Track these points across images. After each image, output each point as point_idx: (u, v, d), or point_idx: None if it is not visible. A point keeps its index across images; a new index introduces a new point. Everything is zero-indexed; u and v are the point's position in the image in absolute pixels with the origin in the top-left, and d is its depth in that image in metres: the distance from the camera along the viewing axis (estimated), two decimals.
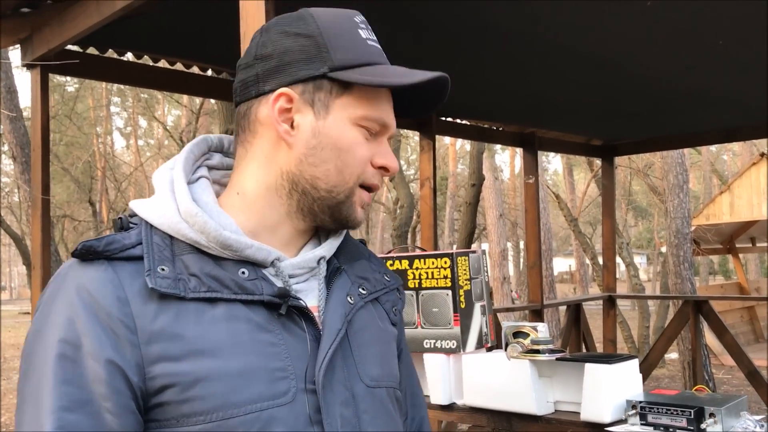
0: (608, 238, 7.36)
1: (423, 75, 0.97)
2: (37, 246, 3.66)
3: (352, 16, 1.02)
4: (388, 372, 1.06)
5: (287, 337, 0.93)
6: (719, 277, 34.07)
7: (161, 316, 0.88)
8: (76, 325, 0.86)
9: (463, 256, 2.41)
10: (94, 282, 0.88)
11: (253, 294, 0.93)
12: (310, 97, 0.98)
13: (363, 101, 0.99)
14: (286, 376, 0.91)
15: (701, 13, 3.38)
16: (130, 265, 0.91)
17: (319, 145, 0.98)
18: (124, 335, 0.87)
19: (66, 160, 19.95)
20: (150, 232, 0.94)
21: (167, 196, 0.97)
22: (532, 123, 6.31)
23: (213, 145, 1.09)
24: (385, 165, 1.02)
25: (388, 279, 1.13)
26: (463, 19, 3.46)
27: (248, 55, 1.02)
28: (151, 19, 3.33)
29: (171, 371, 0.87)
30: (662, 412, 2.04)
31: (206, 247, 0.93)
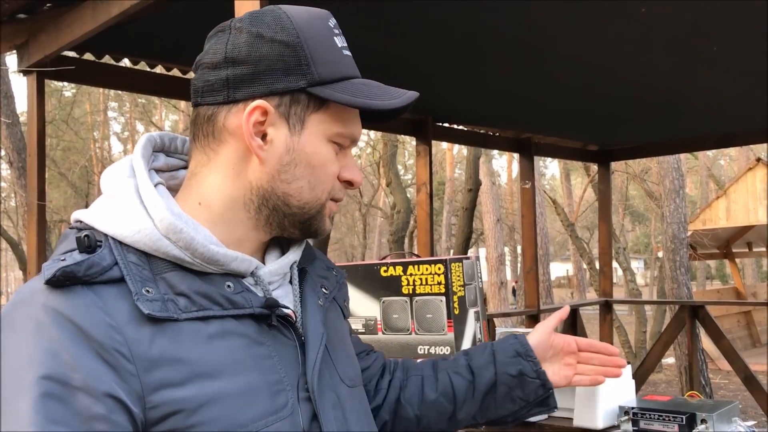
0: (605, 243, 7.37)
1: (400, 99, 0.96)
2: (33, 251, 3.66)
3: (326, 20, 0.97)
4: (356, 371, 1.09)
5: (278, 347, 0.92)
6: (716, 281, 34.11)
7: (157, 340, 0.83)
8: (61, 358, 0.78)
9: (457, 262, 2.42)
10: (77, 310, 0.80)
11: (243, 308, 0.90)
12: (285, 111, 0.93)
13: (338, 118, 0.96)
14: (283, 388, 0.90)
15: (696, 20, 3.40)
16: (111, 289, 0.83)
17: (293, 161, 0.94)
18: (121, 365, 0.80)
19: (63, 164, 19.95)
20: (123, 251, 0.86)
21: (137, 208, 0.89)
22: (529, 128, 6.32)
23: (156, 144, 1.02)
24: (351, 179, 1.00)
25: (335, 274, 1.13)
26: (459, 25, 3.47)
27: (215, 53, 0.94)
28: (146, 25, 3.33)
29: (174, 398, 0.82)
30: (654, 418, 2.05)
31: (189, 263, 0.88)
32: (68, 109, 18.99)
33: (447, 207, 22.99)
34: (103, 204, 0.92)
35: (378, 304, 2.55)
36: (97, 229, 0.88)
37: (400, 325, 2.49)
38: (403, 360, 1.34)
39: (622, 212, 23.32)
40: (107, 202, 0.91)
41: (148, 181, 0.91)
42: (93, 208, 0.92)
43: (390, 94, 0.96)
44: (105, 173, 0.95)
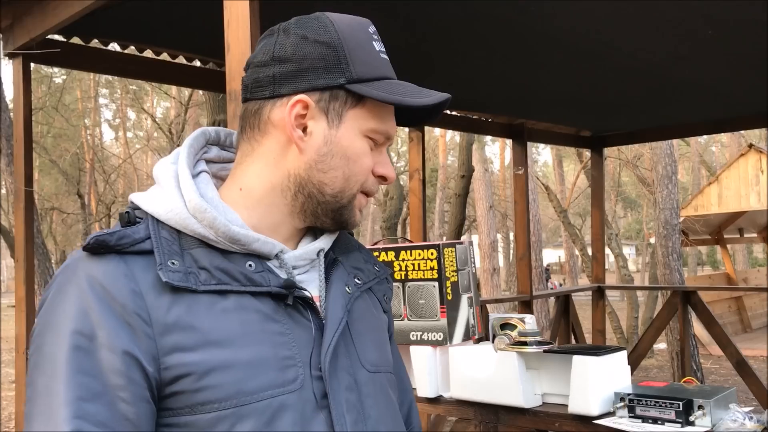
0: (597, 230, 7.36)
1: (432, 98, 1.02)
2: (21, 239, 3.61)
3: (366, 27, 1.05)
4: (384, 358, 1.12)
5: (293, 326, 0.98)
6: (707, 267, 34.27)
7: (174, 308, 0.91)
8: (90, 316, 0.88)
9: (450, 247, 2.39)
10: (107, 275, 0.90)
11: (261, 285, 0.96)
12: (325, 106, 1.01)
13: (374, 114, 1.03)
14: (294, 364, 0.95)
15: (691, 4, 3.37)
16: (141, 259, 0.93)
17: (330, 152, 1.01)
18: (140, 327, 0.89)
19: (54, 152, 19.82)
20: (157, 227, 0.96)
21: (173, 191, 0.99)
22: (522, 114, 6.29)
23: (210, 138, 1.12)
24: (384, 174, 1.07)
25: (378, 269, 1.18)
26: (451, 9, 3.43)
27: (264, 53, 1.03)
28: (135, 8, 3.28)
29: (185, 361, 0.90)
30: (651, 405, 2.03)
31: (214, 241, 0.96)
32: (58, 95, 18.83)
33: (440, 194, 23.00)
34: (152, 188, 1.03)
35: None
36: (140, 208, 0.99)
37: (393, 311, 2.46)
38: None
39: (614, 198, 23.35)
40: (154, 187, 1.02)
41: (185, 168, 1.01)
42: (144, 192, 1.02)
43: (423, 93, 1.02)
44: (158, 162, 1.06)
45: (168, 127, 18.54)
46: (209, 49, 4.12)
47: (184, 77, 4.67)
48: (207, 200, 0.99)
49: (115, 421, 0.87)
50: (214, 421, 0.90)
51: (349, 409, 0.98)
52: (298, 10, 3.70)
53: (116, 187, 22.87)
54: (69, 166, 19.71)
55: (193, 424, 0.91)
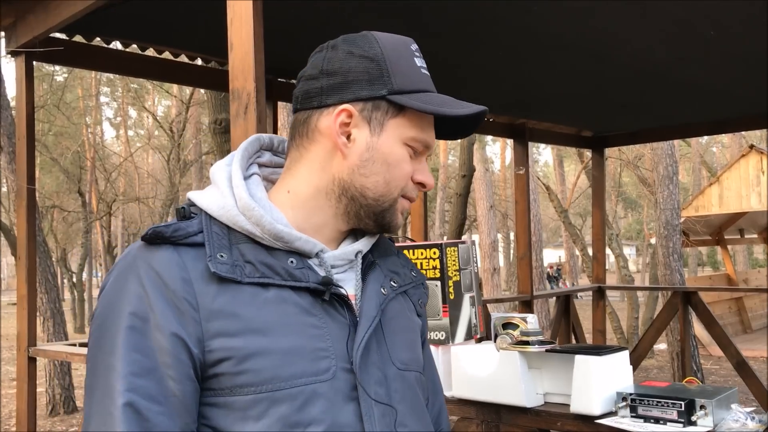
0: (598, 230, 7.36)
1: (470, 109, 1.10)
2: (23, 236, 3.62)
3: (409, 44, 1.13)
4: (415, 358, 1.17)
5: (329, 321, 1.04)
6: (707, 268, 34.25)
7: (220, 297, 0.99)
8: (145, 300, 0.97)
9: (452, 246, 2.39)
10: (161, 263, 0.99)
11: (301, 281, 1.04)
12: (368, 115, 1.08)
13: (414, 124, 1.10)
14: (328, 355, 1.02)
15: (693, 5, 3.37)
16: (192, 251, 1.01)
17: (372, 158, 1.09)
18: (188, 312, 0.97)
19: (55, 150, 19.80)
20: (210, 222, 1.05)
21: (226, 190, 1.07)
22: (523, 114, 6.29)
23: (264, 143, 1.20)
24: (423, 181, 1.14)
25: (414, 275, 1.24)
26: (453, 9, 3.43)
27: (313, 67, 1.11)
28: (138, 6, 3.28)
29: (227, 346, 0.98)
30: (653, 405, 2.03)
31: (260, 237, 1.04)
32: (60, 93, 18.81)
33: (440, 193, 22.99)
34: (208, 187, 1.11)
35: None
36: (196, 205, 1.08)
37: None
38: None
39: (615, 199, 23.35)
40: (211, 186, 1.11)
41: (238, 169, 1.10)
42: (202, 190, 1.11)
43: (460, 105, 1.10)
44: (215, 164, 1.15)
45: (169, 125, 18.56)
46: (211, 48, 4.12)
47: (186, 76, 4.67)
48: (256, 200, 1.07)
49: (163, 395, 0.95)
50: (251, 403, 0.98)
51: (377, 402, 1.04)
52: (301, 9, 3.70)
53: (117, 186, 22.86)
54: (70, 164, 19.70)
55: (231, 405, 0.99)
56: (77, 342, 3.82)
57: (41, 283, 8.21)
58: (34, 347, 3.63)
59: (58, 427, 8.33)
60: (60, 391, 8.94)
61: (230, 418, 0.99)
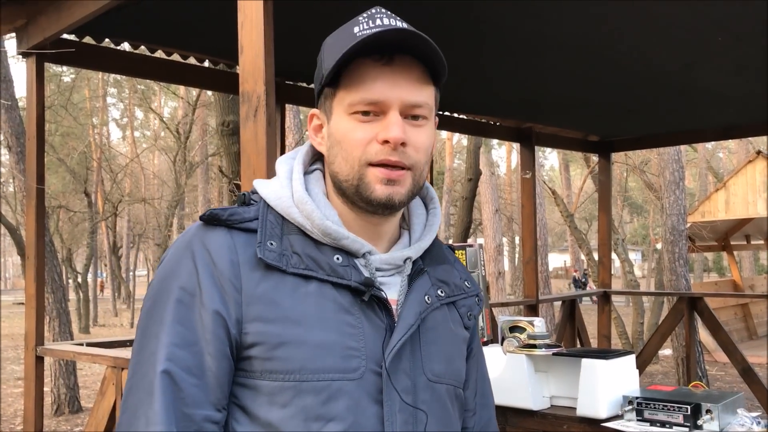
0: (604, 234, 7.36)
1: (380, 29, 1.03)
2: (32, 236, 3.64)
3: (358, 17, 1.09)
4: (452, 371, 1.14)
5: (365, 322, 1.04)
6: (713, 274, 34.14)
7: (263, 283, 1.02)
8: (194, 277, 1.02)
9: (460, 249, 2.40)
10: (214, 245, 1.03)
11: (343, 278, 1.05)
12: (323, 109, 1.12)
13: (350, 89, 1.07)
14: (359, 355, 1.02)
15: (700, 10, 3.37)
16: (245, 236, 1.05)
17: (330, 144, 1.11)
18: (232, 293, 1.01)
19: (62, 150, 19.86)
20: (266, 210, 1.08)
21: (286, 182, 1.11)
22: (530, 118, 6.30)
23: None
24: (384, 138, 1.05)
25: (468, 286, 1.22)
26: (461, 13, 3.44)
27: None
28: (147, 8, 3.30)
29: (262, 330, 1.00)
30: (659, 408, 2.03)
31: (310, 231, 1.06)
32: (67, 94, 18.88)
33: (446, 197, 22.98)
34: (273, 178, 1.15)
35: None
36: (257, 193, 1.12)
37: None
38: None
39: (621, 204, 23.32)
40: (275, 177, 1.15)
41: (300, 164, 1.13)
42: (268, 180, 1.15)
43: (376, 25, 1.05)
44: (280, 156, 1.19)
45: (175, 126, 18.58)
46: (220, 50, 4.14)
47: (195, 78, 4.70)
48: (311, 195, 1.10)
49: (200, 369, 0.99)
50: (278, 390, 1.00)
51: (401, 409, 1.04)
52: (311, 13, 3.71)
53: (123, 186, 22.91)
54: (76, 164, 19.76)
55: (260, 388, 1.01)
56: (84, 342, 3.84)
57: (48, 283, 8.23)
58: (41, 346, 3.65)
59: (63, 427, 8.35)
60: (65, 390, 8.96)
61: (258, 401, 1.01)
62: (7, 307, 25.79)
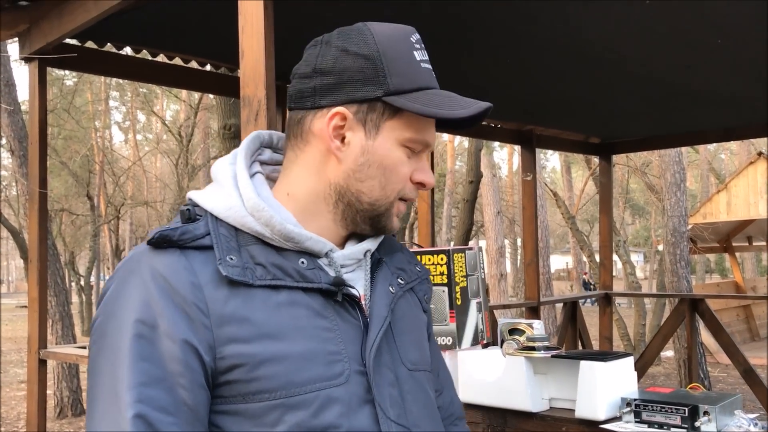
0: (605, 236, 7.37)
1: (469, 110, 1.04)
2: (34, 239, 3.65)
3: (408, 36, 1.07)
4: (423, 356, 1.16)
5: (340, 322, 1.02)
6: (715, 275, 34.12)
7: (231, 301, 0.96)
8: (152, 307, 0.94)
9: (460, 252, 2.41)
10: (169, 268, 0.96)
11: (313, 282, 1.01)
12: (362, 117, 1.04)
13: (411, 124, 1.05)
14: (341, 359, 1.00)
15: (700, 12, 3.38)
16: (200, 254, 0.98)
17: (367, 162, 1.05)
18: (198, 318, 0.94)
19: (64, 153, 19.88)
20: (216, 224, 1.01)
21: (232, 190, 1.04)
22: (531, 120, 6.31)
23: (264, 141, 1.17)
24: (423, 181, 1.09)
25: (419, 270, 1.22)
26: (461, 16, 3.46)
27: (307, 65, 1.07)
28: (149, 13, 3.32)
29: (240, 352, 0.94)
30: (657, 410, 2.05)
31: (269, 238, 1.01)
32: (69, 98, 18.91)
33: (447, 199, 22.99)
34: (209, 186, 1.08)
35: None
36: (200, 206, 1.04)
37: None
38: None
39: (622, 205, 23.30)
40: (213, 185, 1.08)
41: (243, 168, 1.06)
42: (202, 190, 1.08)
43: (460, 104, 1.05)
44: (216, 162, 1.11)
45: (177, 130, 18.61)
46: (221, 54, 4.16)
47: (197, 82, 4.71)
48: (262, 198, 1.03)
49: (175, 405, 0.92)
50: (265, 410, 0.95)
51: (392, 403, 1.03)
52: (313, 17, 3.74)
53: (125, 189, 22.94)
54: (79, 167, 19.78)
55: (244, 412, 0.96)
56: (87, 345, 3.85)
57: (50, 286, 8.25)
58: (45, 349, 3.67)
59: (66, 429, 8.37)
60: (68, 393, 8.98)
61: (243, 426, 0.96)
62: (9, 311, 25.82)
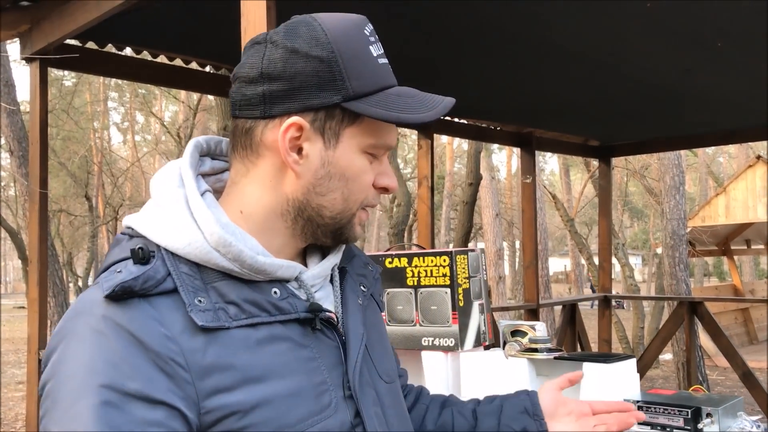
0: (604, 239, 7.37)
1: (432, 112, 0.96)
2: (35, 240, 3.65)
3: (362, 28, 0.97)
4: (392, 364, 1.13)
5: (321, 349, 0.97)
6: (713, 278, 34.15)
7: (210, 348, 0.87)
8: (120, 368, 0.82)
9: (462, 254, 2.41)
10: (135, 322, 0.85)
11: (289, 313, 0.95)
12: (320, 126, 0.95)
13: (373, 130, 0.97)
14: (327, 389, 0.95)
15: (700, 15, 3.39)
16: (166, 299, 0.88)
17: (328, 174, 0.96)
18: (177, 373, 0.84)
19: (63, 154, 19.89)
20: (175, 261, 0.91)
21: (188, 221, 0.92)
22: (531, 123, 6.32)
23: (202, 149, 1.06)
24: (387, 185, 1.02)
25: (371, 269, 1.17)
26: (462, 18, 3.46)
27: (252, 67, 0.95)
28: (150, 14, 3.32)
29: (227, 402, 0.86)
30: (659, 412, 2.05)
31: (238, 273, 0.92)
32: (68, 98, 18.93)
33: (446, 201, 22.99)
34: (154, 213, 0.95)
35: (383, 296, 2.54)
36: (149, 239, 0.93)
37: (405, 317, 2.49)
38: (421, 387, 1.36)
39: (621, 208, 23.34)
40: (158, 212, 0.95)
41: (196, 193, 0.95)
42: (144, 216, 0.95)
43: (424, 104, 0.97)
44: (155, 179, 0.99)
45: (176, 130, 18.60)
46: (222, 56, 4.16)
47: (197, 83, 4.71)
48: (222, 226, 0.93)
49: None
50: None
51: (379, 423, 0.99)
52: None
53: (124, 190, 22.93)
54: (77, 168, 19.79)
55: None
56: None
57: (49, 287, 8.24)
58: (44, 350, 3.66)
59: None
60: None
61: None
62: (7, 311, 25.79)
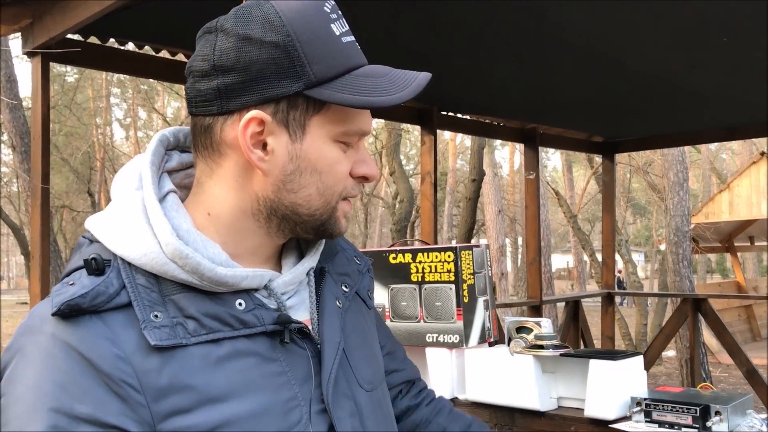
0: (608, 235, 7.35)
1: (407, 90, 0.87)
2: (37, 235, 3.63)
3: (321, 5, 0.88)
4: (378, 368, 1.04)
5: (291, 361, 0.89)
6: (716, 275, 34.14)
7: (166, 368, 0.80)
8: (69, 391, 0.77)
9: (467, 250, 2.40)
10: (85, 342, 0.78)
11: (255, 326, 0.87)
12: (283, 117, 0.86)
13: (341, 116, 0.89)
14: (297, 404, 0.87)
15: (705, 11, 3.37)
16: (119, 315, 0.81)
17: (298, 170, 0.88)
18: (129, 396, 0.78)
19: (65, 150, 19.92)
20: (131, 272, 0.84)
21: (144, 228, 0.85)
22: (534, 119, 6.30)
23: (169, 144, 0.98)
24: (366, 174, 0.94)
25: (359, 262, 1.09)
26: (466, 14, 3.44)
27: (204, 60, 0.87)
28: (152, 8, 3.30)
29: (184, 425, 0.80)
30: (667, 410, 2.03)
31: (198, 285, 0.85)
32: (71, 94, 18.93)
33: (449, 197, 22.98)
34: (111, 218, 0.88)
35: (386, 292, 2.53)
36: (105, 246, 0.86)
37: (409, 313, 2.47)
38: (441, 399, 1.26)
39: (624, 205, 23.30)
40: (115, 218, 0.88)
41: (154, 198, 0.87)
42: (103, 221, 0.88)
43: (395, 84, 0.87)
44: (116, 179, 0.92)
45: None
46: None
47: None
48: (181, 234, 0.85)
49: None
50: None
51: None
52: None
53: None
54: (80, 164, 19.83)
55: None
56: None
57: (51, 283, 8.23)
58: None
59: None
60: None
61: None
62: (9, 307, 25.81)
